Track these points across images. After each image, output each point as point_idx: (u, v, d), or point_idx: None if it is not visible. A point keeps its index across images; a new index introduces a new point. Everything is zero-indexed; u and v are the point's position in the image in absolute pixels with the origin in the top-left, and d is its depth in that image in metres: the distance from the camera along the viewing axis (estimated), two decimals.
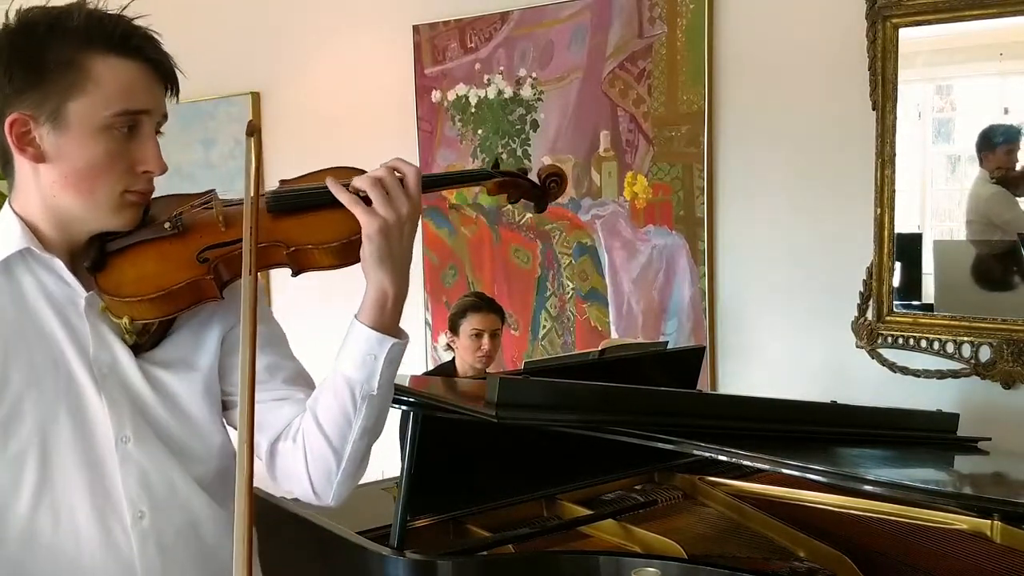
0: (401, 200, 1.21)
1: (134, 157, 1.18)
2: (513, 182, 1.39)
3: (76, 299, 1.20)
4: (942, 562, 1.86)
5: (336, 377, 1.24)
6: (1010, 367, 2.70)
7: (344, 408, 1.24)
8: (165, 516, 1.23)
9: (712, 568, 1.79)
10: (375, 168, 1.25)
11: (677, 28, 3.23)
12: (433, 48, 3.91)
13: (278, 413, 1.29)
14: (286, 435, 1.29)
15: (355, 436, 1.25)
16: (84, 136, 1.15)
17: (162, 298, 1.18)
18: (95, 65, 1.14)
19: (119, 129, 1.16)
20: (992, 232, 2.86)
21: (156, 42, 1.20)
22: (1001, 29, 2.69)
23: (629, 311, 3.47)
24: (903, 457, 2.16)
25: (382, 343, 1.22)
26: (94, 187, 1.17)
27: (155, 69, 1.19)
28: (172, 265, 1.20)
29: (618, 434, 1.85)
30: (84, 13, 1.16)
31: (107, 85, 1.15)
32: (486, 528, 2.12)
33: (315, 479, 1.27)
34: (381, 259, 1.20)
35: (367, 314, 1.23)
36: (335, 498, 1.29)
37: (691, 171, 3.25)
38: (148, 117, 1.19)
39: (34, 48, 1.14)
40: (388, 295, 1.22)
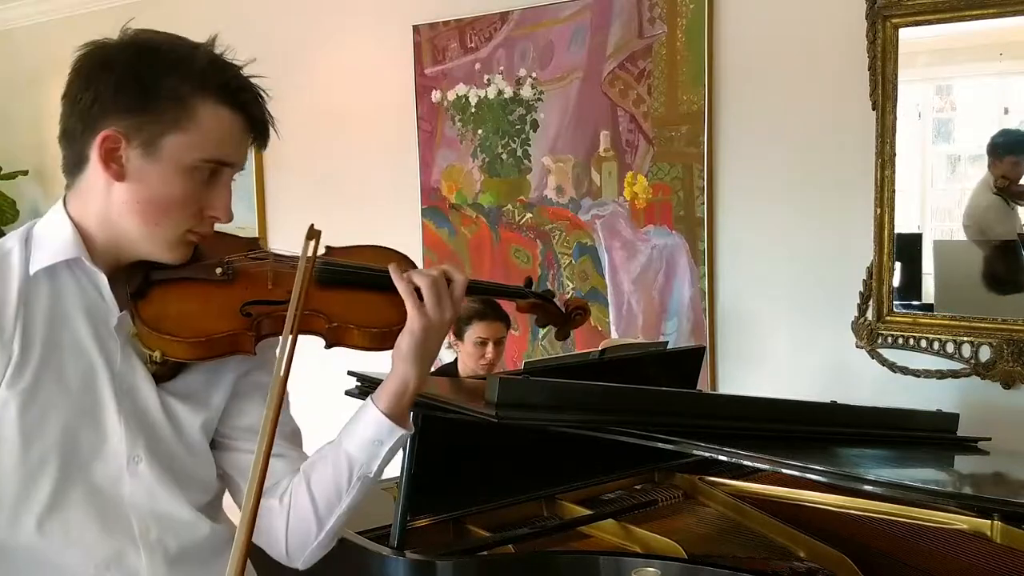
0: (447, 305, 1.26)
1: (207, 202, 1.21)
2: (542, 306, 1.48)
3: (109, 316, 1.21)
4: (942, 562, 1.86)
5: (338, 451, 1.28)
6: (1010, 367, 2.70)
7: (339, 482, 1.28)
8: (170, 533, 1.25)
9: (712, 568, 1.79)
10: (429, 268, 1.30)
11: (677, 28, 3.23)
12: (433, 48, 3.91)
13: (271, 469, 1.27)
14: (273, 492, 1.30)
15: (341, 511, 1.29)
16: (170, 171, 1.17)
17: (200, 343, 1.20)
18: (202, 109, 1.17)
19: (203, 172, 1.19)
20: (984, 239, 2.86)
21: (263, 101, 1.25)
22: (1001, 29, 2.69)
23: (629, 311, 3.47)
24: (903, 457, 2.16)
25: (392, 432, 1.27)
26: (161, 220, 1.19)
27: (253, 126, 1.23)
28: (215, 312, 1.22)
29: (618, 434, 1.85)
30: (209, 57, 1.20)
31: (207, 131, 1.18)
32: (486, 528, 2.11)
33: (291, 542, 1.30)
34: (415, 354, 1.25)
35: (385, 401, 1.27)
36: (304, 564, 1.33)
37: (691, 171, 3.25)
38: (231, 169, 1.23)
39: (152, 75, 1.16)
40: (409, 387, 1.27)
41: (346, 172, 4.26)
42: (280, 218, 4.52)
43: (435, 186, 3.97)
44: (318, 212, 4.33)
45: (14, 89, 5.80)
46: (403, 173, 4.05)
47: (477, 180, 3.84)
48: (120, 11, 5.12)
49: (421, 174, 4.01)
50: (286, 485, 1.30)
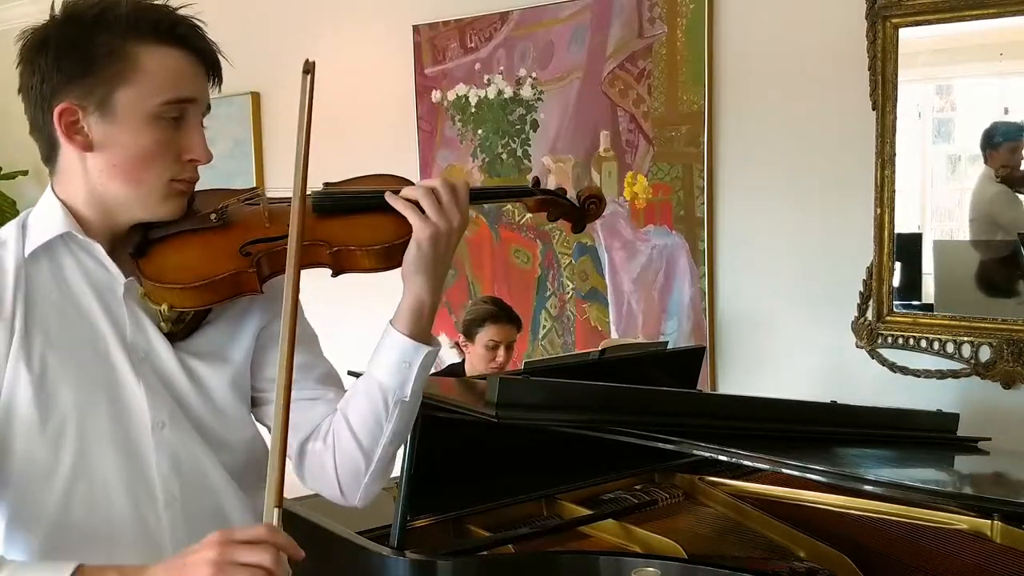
0: (453, 210, 1.23)
1: (181, 146, 1.20)
2: (553, 200, 1.42)
3: (115, 285, 1.21)
4: (942, 562, 1.86)
5: (369, 381, 1.26)
6: (1010, 367, 2.70)
7: (376, 412, 1.26)
8: (196, 501, 1.24)
9: (712, 568, 1.79)
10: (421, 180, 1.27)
11: (677, 28, 3.23)
12: (433, 48, 3.91)
13: (310, 413, 1.30)
14: (316, 435, 1.30)
15: (385, 440, 1.27)
16: (133, 125, 1.16)
17: (203, 287, 1.19)
18: (142, 54, 1.15)
19: (167, 118, 1.18)
20: (995, 231, 2.86)
21: (201, 31, 1.22)
22: (1001, 29, 2.69)
23: (629, 311, 3.47)
24: (903, 457, 2.16)
25: (417, 350, 1.25)
26: (142, 176, 1.18)
27: (200, 58, 1.21)
28: (215, 256, 1.21)
29: (618, 434, 1.85)
30: (131, 2, 1.17)
31: (154, 74, 1.16)
32: (486, 528, 2.11)
33: (343, 480, 1.29)
34: (425, 266, 1.22)
35: (403, 321, 1.25)
36: (362, 499, 1.31)
37: (691, 171, 3.25)
38: (194, 106, 1.21)
39: (82, 38, 1.15)
40: (425, 303, 1.25)
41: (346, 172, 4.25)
42: None
43: None
44: None
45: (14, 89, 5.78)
46: (403, 173, 4.00)
47: (477, 180, 3.83)
48: None
49: (421, 174, 4.01)
50: (327, 426, 1.29)
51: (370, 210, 1.27)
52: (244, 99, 4.52)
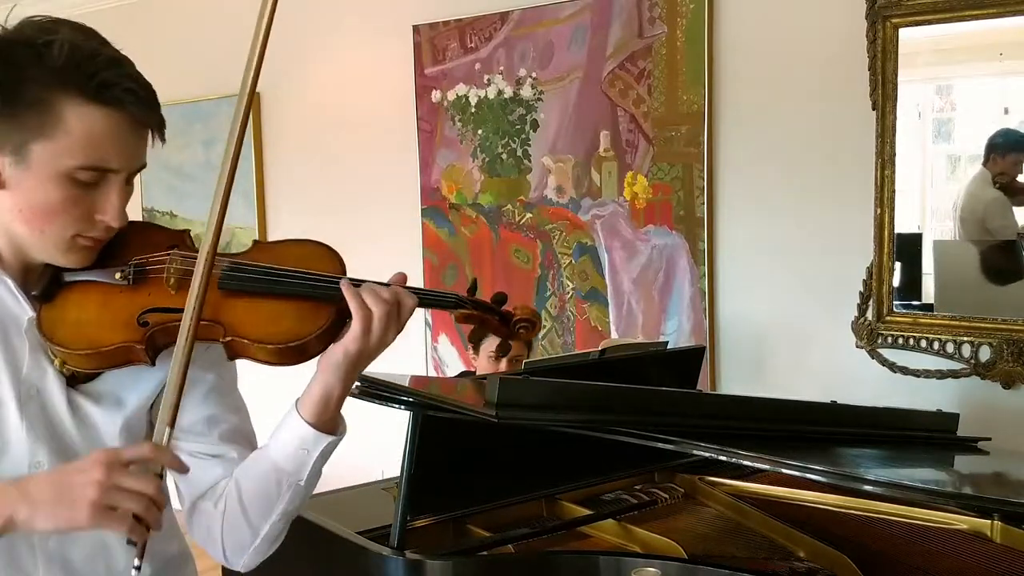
0: (393, 329, 1.19)
1: (94, 206, 1.13)
2: (481, 317, 1.32)
3: (21, 317, 1.18)
4: (942, 562, 1.86)
5: (265, 462, 1.23)
6: (1010, 367, 2.70)
7: (268, 493, 1.23)
8: (72, 539, 1.20)
9: (712, 568, 1.79)
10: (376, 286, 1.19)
11: (677, 28, 3.23)
12: (433, 48, 3.91)
13: (207, 472, 1.26)
14: (211, 495, 1.27)
15: (275, 518, 1.24)
16: (43, 178, 1.10)
17: (92, 355, 1.15)
18: (66, 111, 1.07)
19: (81, 180, 1.11)
20: (983, 234, 2.87)
21: (140, 93, 1.11)
22: (1001, 29, 2.69)
23: (629, 311, 3.47)
24: (903, 457, 2.16)
25: (317, 441, 1.20)
26: (45, 226, 1.13)
27: (134, 122, 1.12)
28: (111, 320, 1.16)
29: (618, 434, 1.85)
30: (67, 48, 1.07)
31: (77, 135, 1.08)
32: (486, 528, 2.11)
33: (228, 547, 1.26)
34: (346, 370, 1.18)
35: (308, 409, 1.20)
36: (244, 567, 1.29)
37: (691, 171, 3.25)
38: (116, 173, 1.13)
39: (10, 77, 1.07)
40: (334, 397, 1.20)
41: (346, 172, 4.26)
42: (280, 218, 4.52)
43: (435, 186, 3.97)
44: (318, 211, 4.33)
45: None
46: (403, 173, 4.05)
47: (477, 180, 3.84)
48: (120, 11, 5.13)
49: (421, 174, 4.01)
50: (222, 489, 1.26)
51: (280, 296, 1.18)
52: None
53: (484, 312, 1.32)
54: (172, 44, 4.60)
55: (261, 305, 1.18)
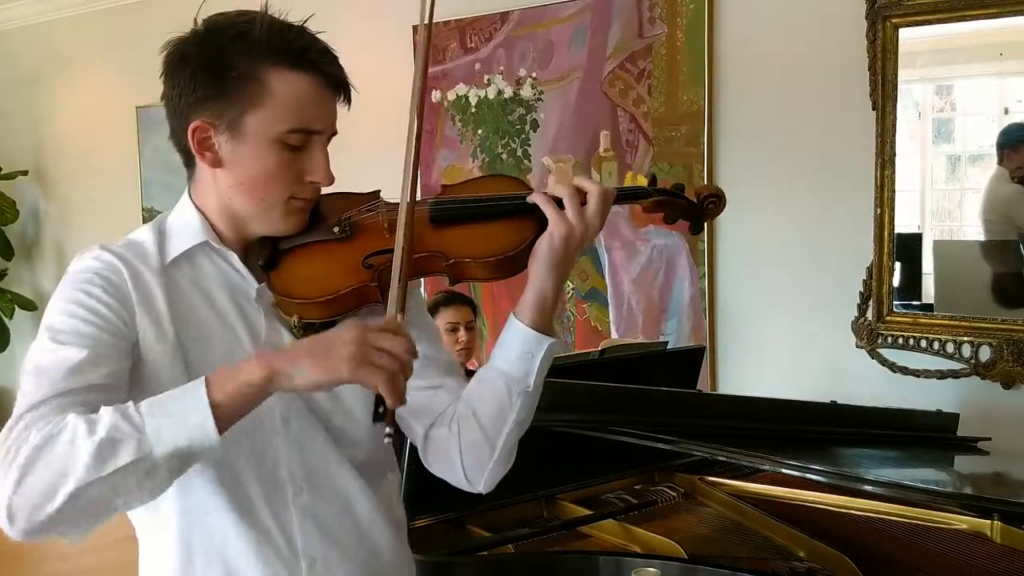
0: (595, 216, 1.25)
1: (303, 167, 1.23)
2: (670, 201, 1.39)
3: (248, 290, 1.26)
4: (942, 562, 1.86)
5: (494, 372, 1.28)
6: (1010, 367, 2.71)
7: (500, 402, 1.27)
8: (321, 494, 1.27)
9: (712, 568, 1.79)
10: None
11: (677, 28, 3.23)
12: (433, 48, 3.91)
13: (433, 400, 1.33)
14: (441, 422, 1.32)
15: (509, 428, 1.29)
16: (258, 147, 1.20)
17: (329, 302, 1.23)
18: (273, 79, 1.18)
19: (290, 144, 1.21)
20: (1011, 231, 2.85)
21: (331, 55, 1.25)
22: (1001, 29, 2.69)
23: (629, 311, 3.47)
24: (903, 457, 2.16)
25: (540, 342, 1.26)
26: (264, 194, 1.23)
27: (329, 83, 1.23)
28: (339, 269, 1.25)
29: (618, 434, 1.85)
30: (266, 24, 1.20)
31: (283, 100, 1.19)
32: (486, 528, 2.11)
33: (468, 466, 1.31)
34: (554, 263, 1.24)
35: (527, 313, 1.26)
36: (486, 485, 1.34)
37: (691, 171, 3.25)
38: (318, 135, 1.23)
39: (218, 59, 1.19)
40: (548, 297, 1.25)
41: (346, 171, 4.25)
42: None
43: (435, 186, 3.97)
44: None
45: (13, 90, 5.80)
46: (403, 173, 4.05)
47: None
48: (120, 11, 5.12)
49: (421, 174, 4.00)
50: (451, 412, 1.31)
51: (487, 218, 1.28)
52: None
53: (672, 197, 1.39)
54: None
55: (470, 230, 1.28)
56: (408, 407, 1.30)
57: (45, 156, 5.77)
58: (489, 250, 1.25)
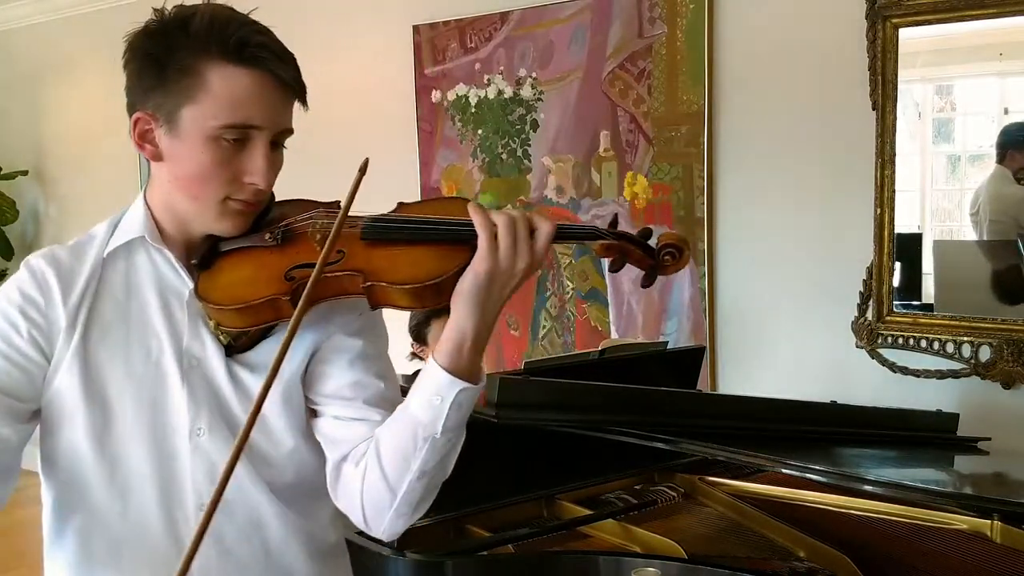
0: (524, 253, 1.15)
1: (241, 167, 1.19)
2: (622, 247, 1.25)
3: (183, 289, 1.24)
4: (942, 562, 1.86)
5: (403, 413, 1.21)
6: (1010, 367, 2.70)
7: (404, 447, 1.19)
8: (227, 513, 1.23)
9: (712, 568, 1.79)
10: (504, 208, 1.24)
11: (677, 28, 3.23)
12: (433, 48, 3.91)
13: (350, 432, 1.26)
14: (352, 457, 1.25)
15: (412, 477, 1.20)
16: (193, 143, 1.17)
17: (241, 310, 1.20)
18: (209, 73, 1.15)
19: (227, 140, 1.17)
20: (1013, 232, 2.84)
21: (276, 52, 1.19)
22: (1001, 29, 2.69)
23: (629, 311, 3.47)
24: (903, 457, 2.16)
25: (451, 386, 1.17)
26: (198, 192, 1.20)
27: (273, 80, 1.18)
28: (261, 278, 1.21)
29: (618, 434, 1.85)
30: (208, 16, 1.17)
31: (219, 96, 1.15)
32: (486, 528, 2.11)
33: (367, 508, 1.24)
34: (474, 298, 1.15)
35: (442, 353, 1.18)
36: (386, 533, 1.25)
37: (691, 171, 3.25)
38: (259, 131, 1.19)
39: (160, 51, 1.17)
40: (467, 337, 1.16)
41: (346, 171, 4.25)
42: None
43: (435, 186, 3.97)
44: None
45: (13, 89, 5.80)
46: (403, 173, 4.05)
47: (477, 180, 3.84)
48: (120, 11, 5.12)
49: (421, 174, 4.01)
50: (363, 449, 1.24)
51: (419, 242, 1.20)
52: None
53: (626, 242, 1.26)
54: None
55: (400, 252, 1.20)
56: (324, 435, 1.28)
57: (45, 156, 5.77)
58: (410, 276, 1.16)
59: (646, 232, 1.28)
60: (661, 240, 1.26)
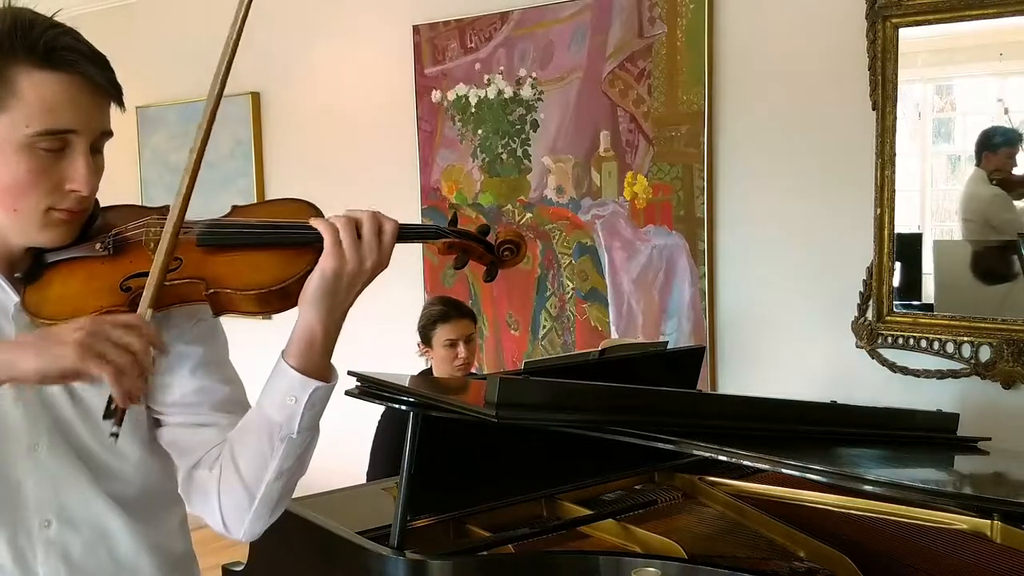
0: (371, 250, 1.15)
1: (62, 175, 1.13)
2: (463, 244, 1.28)
3: (8, 304, 1.18)
4: (942, 562, 1.86)
5: (256, 415, 1.20)
6: (1010, 367, 2.70)
7: (261, 448, 1.19)
8: (73, 527, 1.20)
9: (712, 568, 1.79)
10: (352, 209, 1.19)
11: (677, 28, 3.23)
12: (433, 48, 3.91)
13: (199, 438, 1.25)
14: (204, 462, 1.24)
15: (270, 477, 1.19)
16: (6, 153, 1.10)
17: None
18: (17, 79, 1.08)
19: (43, 148, 1.10)
20: (988, 232, 2.87)
21: (86, 53, 1.12)
22: (1001, 29, 2.69)
23: (629, 311, 3.47)
24: (903, 457, 2.16)
25: (304, 386, 1.16)
26: (17, 204, 1.12)
27: (86, 83, 1.11)
28: (94, 290, 1.16)
29: (618, 434, 1.85)
30: (9, 19, 1.09)
31: (29, 102, 1.08)
32: (486, 528, 2.11)
33: (226, 513, 1.23)
34: (321, 297, 1.14)
35: (292, 353, 1.17)
36: (245, 535, 1.24)
37: (691, 171, 3.25)
38: (77, 136, 1.12)
39: None
40: (317, 336, 1.16)
41: (346, 172, 4.26)
42: None
43: (435, 186, 3.97)
44: None
45: None
46: (403, 173, 4.05)
47: (477, 180, 3.84)
48: (120, 11, 5.13)
49: (421, 174, 4.01)
50: (216, 454, 1.23)
51: (260, 247, 1.17)
52: (244, 99, 4.52)
53: (467, 240, 1.28)
54: (170, 44, 4.60)
55: (241, 258, 1.17)
56: (175, 448, 1.25)
57: None
58: (254, 281, 1.14)
59: (484, 229, 1.31)
60: (500, 236, 1.30)
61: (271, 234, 1.18)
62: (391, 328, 3.65)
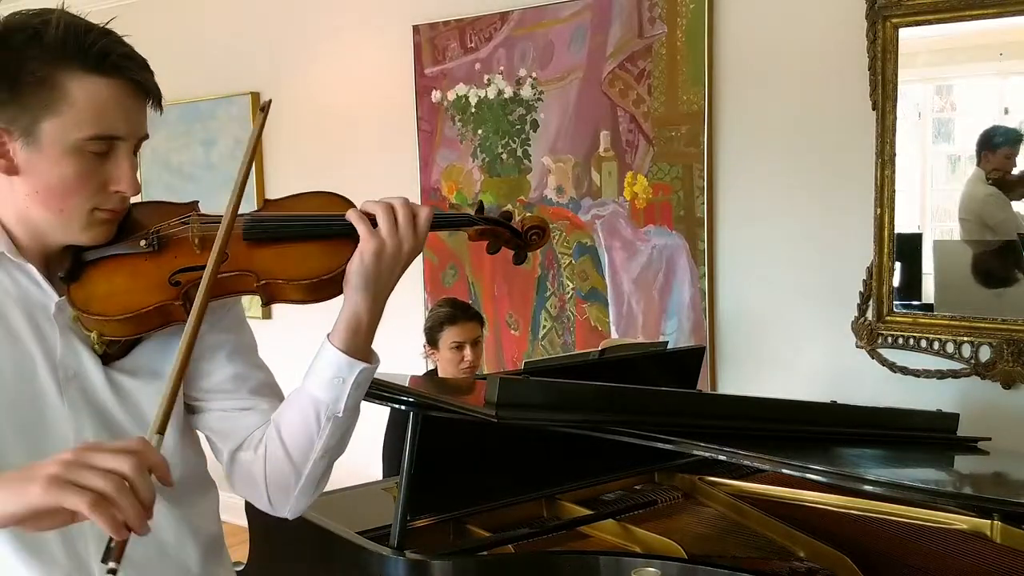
0: (408, 233, 1.22)
1: (107, 177, 1.16)
2: (494, 231, 1.37)
3: (48, 303, 1.20)
4: (942, 562, 1.87)
5: (302, 395, 1.25)
6: (1010, 367, 2.70)
7: (308, 427, 1.24)
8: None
9: (712, 568, 1.79)
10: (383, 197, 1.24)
11: (677, 28, 3.23)
12: (433, 48, 3.91)
13: (241, 421, 1.30)
14: (248, 444, 1.29)
15: (316, 455, 1.25)
16: (55, 155, 1.13)
17: (129, 320, 1.18)
18: (70, 84, 1.11)
19: (91, 151, 1.14)
20: (984, 232, 2.87)
21: (137, 60, 1.17)
22: (1001, 29, 2.69)
23: (629, 311, 3.47)
24: (903, 457, 2.16)
25: (351, 367, 1.23)
26: (64, 205, 1.16)
27: (135, 89, 1.16)
28: (143, 285, 1.20)
29: (618, 434, 1.85)
30: (63, 25, 1.11)
31: (81, 107, 1.12)
32: (486, 528, 2.12)
33: (272, 492, 1.28)
34: (365, 282, 1.20)
35: (339, 336, 1.23)
36: (291, 511, 1.30)
37: (691, 171, 3.25)
38: (123, 141, 1.16)
39: (11, 62, 1.11)
40: (362, 319, 1.22)
41: (346, 172, 4.26)
42: None
43: (435, 186, 3.97)
44: None
45: None
46: (403, 173, 4.05)
47: (477, 180, 3.84)
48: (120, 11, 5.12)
49: (421, 174, 4.01)
50: (259, 436, 1.28)
51: (304, 239, 1.24)
52: (244, 99, 4.51)
53: (497, 226, 1.37)
54: (172, 44, 4.60)
55: (287, 249, 1.23)
56: (215, 432, 1.30)
57: None
58: (304, 272, 1.21)
59: (508, 215, 1.39)
60: (526, 222, 1.39)
61: (315, 226, 1.24)
62: (391, 328, 3.64)
